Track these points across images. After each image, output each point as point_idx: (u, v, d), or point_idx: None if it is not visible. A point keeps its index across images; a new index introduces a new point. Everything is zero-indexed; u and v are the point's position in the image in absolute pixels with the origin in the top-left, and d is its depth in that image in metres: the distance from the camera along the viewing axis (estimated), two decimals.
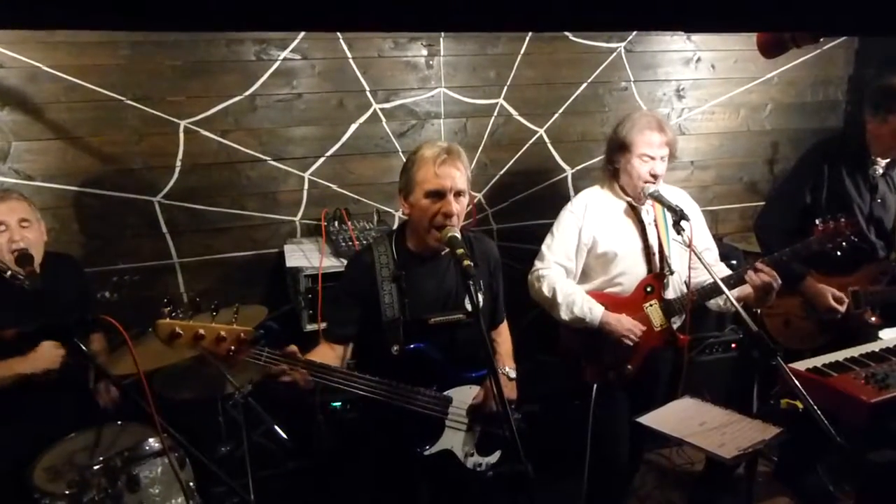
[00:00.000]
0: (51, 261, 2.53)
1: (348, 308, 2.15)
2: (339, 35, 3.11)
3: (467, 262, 1.80)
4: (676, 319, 2.65)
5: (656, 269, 2.63)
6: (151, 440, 2.30)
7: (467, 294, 1.76)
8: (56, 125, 2.86)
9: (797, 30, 1.15)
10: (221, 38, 2.97)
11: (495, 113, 3.45)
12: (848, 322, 2.81)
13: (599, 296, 2.61)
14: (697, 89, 3.82)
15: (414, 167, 2.06)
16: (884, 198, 2.85)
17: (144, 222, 3.06)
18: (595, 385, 2.60)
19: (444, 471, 2.20)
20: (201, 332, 1.74)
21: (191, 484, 2.32)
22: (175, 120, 2.99)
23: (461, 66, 3.35)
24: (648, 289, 2.62)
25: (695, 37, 3.71)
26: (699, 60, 3.77)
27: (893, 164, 2.84)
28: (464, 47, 3.33)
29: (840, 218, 2.55)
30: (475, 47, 3.35)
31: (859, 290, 2.80)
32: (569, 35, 3.43)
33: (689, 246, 2.37)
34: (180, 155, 3.04)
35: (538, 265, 2.68)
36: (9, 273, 2.36)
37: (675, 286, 2.66)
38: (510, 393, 2.28)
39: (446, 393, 2.15)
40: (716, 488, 3.09)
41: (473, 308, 1.75)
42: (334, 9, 0.61)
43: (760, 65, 3.80)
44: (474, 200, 3.48)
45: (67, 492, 2.14)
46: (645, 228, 2.64)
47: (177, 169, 3.05)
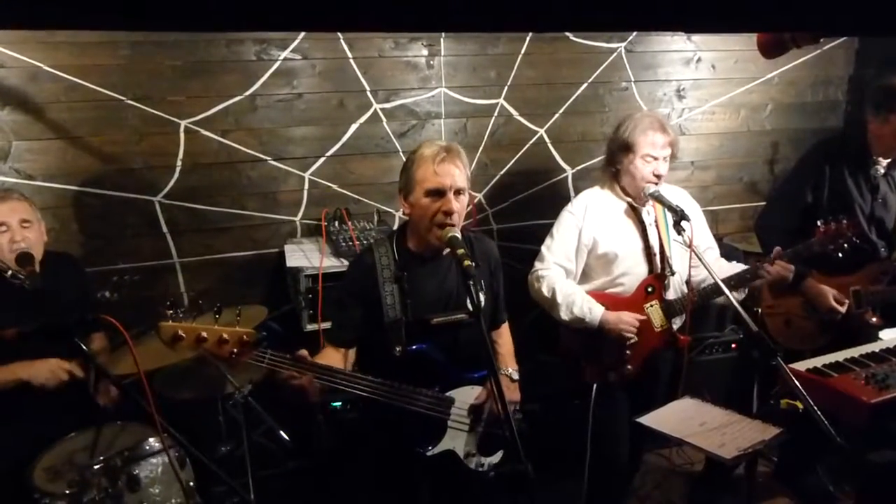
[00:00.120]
0: (51, 260, 2.53)
1: (352, 311, 2.14)
2: (340, 35, 3.11)
3: (468, 263, 1.79)
4: (677, 320, 2.66)
5: (657, 270, 2.63)
6: (151, 440, 2.30)
7: (468, 294, 1.76)
8: (56, 125, 2.86)
9: (797, 30, 1.15)
10: (222, 38, 2.97)
11: (496, 113, 3.45)
12: (849, 322, 2.81)
13: (600, 296, 2.61)
14: (698, 89, 3.82)
15: (413, 166, 2.06)
16: (885, 198, 2.85)
17: (145, 222, 3.06)
18: (595, 385, 2.61)
19: (446, 471, 2.20)
20: (204, 335, 1.73)
21: (191, 483, 2.32)
22: (175, 120, 2.99)
23: (462, 66, 3.35)
24: (649, 289, 2.62)
25: (695, 37, 3.71)
26: (699, 61, 3.77)
27: (895, 164, 2.84)
28: (464, 47, 3.33)
29: (841, 219, 2.55)
30: (476, 47, 3.35)
31: (861, 290, 2.81)
32: (569, 35, 3.43)
33: (690, 246, 2.37)
34: (181, 155, 3.04)
35: (538, 266, 2.68)
36: (9, 273, 2.36)
37: (676, 286, 2.66)
38: (512, 394, 2.28)
39: (448, 393, 2.15)
40: (716, 488, 3.09)
41: (474, 308, 1.74)
42: (335, 9, 0.61)
43: (761, 65, 3.80)
44: (475, 200, 3.48)
45: (67, 491, 2.14)
46: (646, 229, 2.64)
47: (177, 169, 3.05)
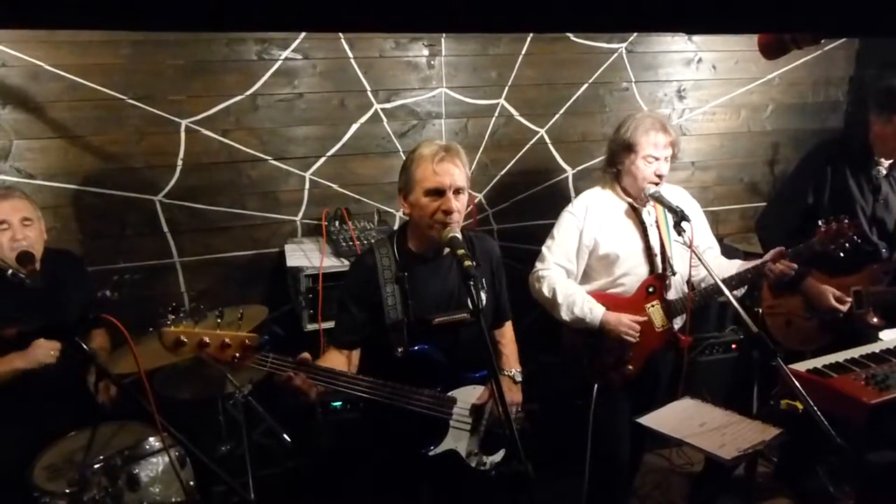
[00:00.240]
0: (51, 257, 2.53)
1: (354, 312, 2.13)
2: (341, 35, 3.11)
3: (468, 263, 1.79)
4: (678, 320, 2.65)
5: (658, 270, 2.63)
6: (152, 439, 2.30)
7: (469, 294, 1.76)
8: (57, 124, 2.86)
9: (798, 31, 1.15)
10: (223, 38, 2.97)
11: (496, 113, 3.45)
12: (850, 322, 2.81)
13: (601, 296, 2.61)
14: (698, 90, 3.82)
15: (412, 166, 2.06)
16: (887, 199, 2.85)
17: (145, 221, 3.06)
18: (596, 385, 2.60)
19: (448, 471, 2.20)
20: (206, 340, 1.73)
21: (191, 483, 2.32)
22: (176, 119, 2.99)
23: (462, 67, 3.35)
24: (650, 289, 2.62)
25: (696, 37, 3.71)
26: (700, 61, 3.76)
27: None
28: (465, 47, 3.33)
29: (843, 219, 2.55)
30: (476, 47, 3.34)
31: (861, 291, 2.80)
32: (570, 36, 3.43)
33: (690, 247, 2.37)
34: (181, 154, 3.04)
35: (538, 266, 2.68)
36: (10, 272, 2.36)
37: (677, 287, 2.66)
38: (514, 395, 2.28)
39: (450, 393, 2.15)
40: (715, 489, 3.08)
41: (475, 308, 1.74)
42: (336, 9, 0.61)
43: (761, 65, 3.79)
44: (475, 201, 3.48)
45: (68, 490, 2.14)
46: (646, 229, 2.64)
47: (178, 168, 3.05)
